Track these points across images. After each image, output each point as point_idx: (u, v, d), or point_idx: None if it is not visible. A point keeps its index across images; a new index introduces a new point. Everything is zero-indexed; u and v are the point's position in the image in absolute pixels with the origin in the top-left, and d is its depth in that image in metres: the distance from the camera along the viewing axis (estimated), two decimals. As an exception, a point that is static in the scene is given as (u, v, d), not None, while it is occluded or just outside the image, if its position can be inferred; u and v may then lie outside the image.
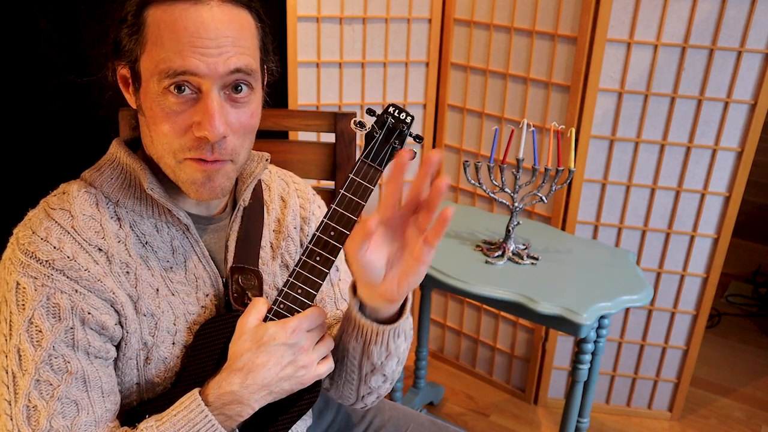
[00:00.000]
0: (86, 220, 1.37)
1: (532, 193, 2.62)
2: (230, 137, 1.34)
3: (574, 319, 2.30)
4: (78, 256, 1.32)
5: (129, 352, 1.40)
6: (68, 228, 1.34)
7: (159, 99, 1.30)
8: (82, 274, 1.32)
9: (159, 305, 1.42)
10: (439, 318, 3.77)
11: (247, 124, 1.37)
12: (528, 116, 3.10)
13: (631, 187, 3.05)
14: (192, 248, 1.48)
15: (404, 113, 1.41)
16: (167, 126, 1.31)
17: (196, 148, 1.32)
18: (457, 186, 3.49)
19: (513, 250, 2.65)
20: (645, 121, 2.93)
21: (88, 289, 1.33)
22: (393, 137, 1.39)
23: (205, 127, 1.29)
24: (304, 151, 2.35)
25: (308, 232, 1.69)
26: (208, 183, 1.36)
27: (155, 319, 1.41)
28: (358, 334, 1.44)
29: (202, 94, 1.30)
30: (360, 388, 1.57)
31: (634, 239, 3.15)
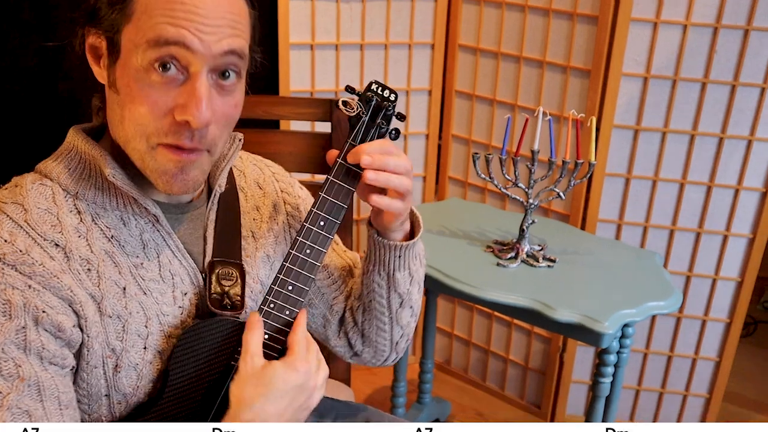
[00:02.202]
0: (41, 214, 1.35)
1: (548, 189, 2.62)
2: (212, 126, 1.34)
3: (594, 328, 2.30)
4: (32, 250, 1.30)
5: (93, 360, 1.37)
6: (21, 222, 1.32)
7: (140, 75, 1.29)
8: (36, 269, 1.29)
9: (126, 306, 1.40)
10: (446, 326, 3.78)
11: (230, 115, 1.38)
12: (544, 104, 3.12)
13: (658, 182, 3.06)
14: (164, 241, 1.47)
15: (388, 90, 1.47)
16: (145, 107, 1.30)
17: (174, 133, 1.31)
18: (466, 181, 3.50)
19: (527, 251, 2.66)
20: (673, 109, 2.94)
21: (42, 286, 1.30)
22: (379, 117, 1.47)
23: (190, 112, 1.28)
24: (296, 142, 2.35)
25: (300, 218, 1.72)
26: (181, 175, 1.36)
27: (122, 321, 1.39)
28: (381, 265, 1.63)
29: (190, 75, 1.29)
30: (393, 330, 1.73)
31: (661, 239, 3.15)
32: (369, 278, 1.66)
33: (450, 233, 2.86)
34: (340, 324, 1.78)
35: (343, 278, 1.78)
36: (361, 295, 1.72)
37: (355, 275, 1.80)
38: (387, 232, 1.60)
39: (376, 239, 1.61)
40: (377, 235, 1.61)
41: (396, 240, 1.61)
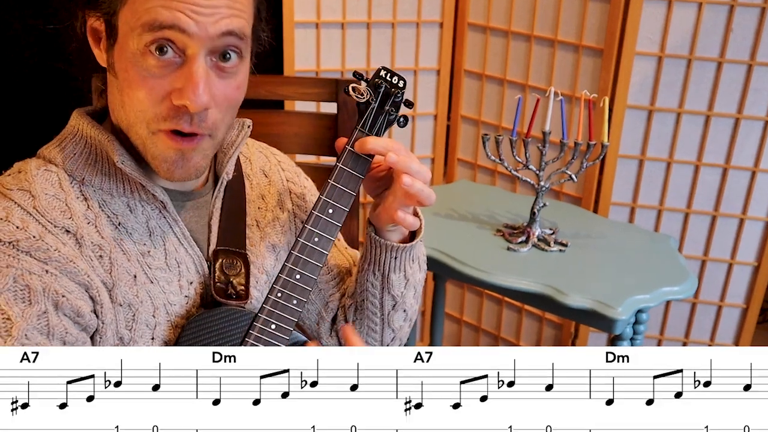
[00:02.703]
0: (49, 200, 1.34)
1: (560, 171, 2.63)
2: (212, 110, 1.33)
3: (607, 314, 2.31)
4: (45, 237, 1.29)
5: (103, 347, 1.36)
6: (29, 209, 1.31)
7: (137, 59, 1.28)
8: (51, 254, 1.28)
9: (137, 294, 1.39)
10: (455, 312, 3.79)
11: (232, 98, 1.37)
12: (555, 83, 3.12)
13: (672, 163, 3.07)
14: (170, 228, 1.47)
15: (396, 77, 1.48)
16: (143, 92, 1.29)
17: (173, 118, 1.31)
18: (476, 163, 3.50)
19: (538, 235, 2.67)
20: (688, 89, 2.94)
21: (59, 271, 1.29)
22: (388, 104, 1.48)
23: (186, 96, 1.27)
24: (302, 123, 2.34)
25: (307, 208, 1.71)
26: (182, 162, 1.35)
27: (133, 310, 1.39)
28: (377, 264, 1.61)
29: (187, 58, 1.28)
30: (384, 332, 1.71)
31: (676, 223, 3.16)
32: (363, 277, 1.65)
33: (459, 216, 2.87)
34: (332, 322, 1.78)
35: (341, 276, 1.78)
36: (354, 294, 1.71)
37: (353, 274, 1.78)
38: (384, 231, 1.60)
39: (373, 237, 1.60)
40: (374, 233, 1.61)
41: (393, 240, 1.60)
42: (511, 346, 3.63)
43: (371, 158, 1.48)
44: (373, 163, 1.51)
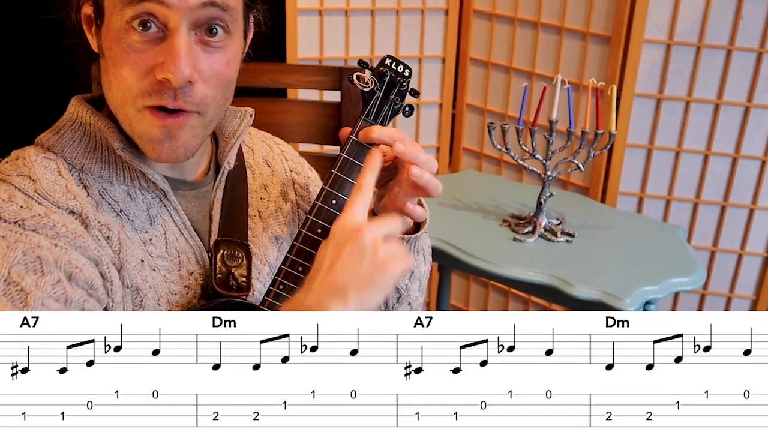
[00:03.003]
0: (50, 184, 1.34)
1: (567, 160, 2.65)
2: (199, 85, 1.32)
3: (615, 305, 2.32)
4: (51, 215, 1.29)
5: None
6: (31, 193, 1.31)
7: (120, 36, 1.28)
8: (59, 230, 1.28)
9: (145, 278, 1.39)
10: (461, 303, 3.80)
11: (222, 74, 1.35)
12: (562, 71, 3.13)
13: (681, 153, 3.08)
14: (171, 217, 1.47)
15: (402, 65, 1.48)
16: (126, 68, 1.29)
17: (156, 93, 1.30)
18: (481, 152, 3.52)
19: (545, 225, 2.69)
20: (697, 77, 2.95)
21: (69, 245, 1.28)
22: (393, 93, 1.48)
23: (168, 68, 1.26)
24: (304, 112, 2.35)
25: (310, 199, 1.71)
26: (168, 142, 1.34)
27: (141, 295, 1.38)
28: None
29: (169, 31, 1.27)
30: None
31: (685, 213, 3.17)
32: None
33: (464, 207, 2.88)
34: None
35: None
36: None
37: None
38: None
39: None
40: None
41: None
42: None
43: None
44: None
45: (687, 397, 1.07)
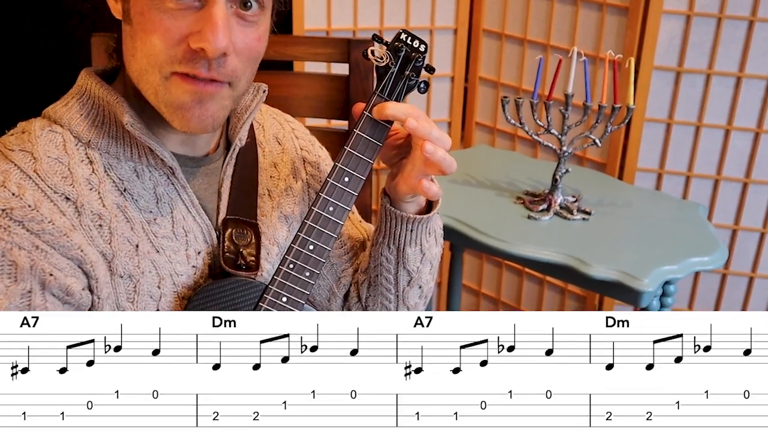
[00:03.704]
0: (51, 164, 1.35)
1: (583, 135, 2.65)
2: (232, 57, 1.33)
3: (633, 286, 2.32)
4: (41, 206, 1.30)
5: None
6: (29, 172, 1.33)
7: (154, 2, 1.29)
8: (45, 226, 1.30)
9: (138, 264, 1.41)
10: (473, 284, 3.82)
11: (254, 48, 1.37)
12: (579, 43, 3.13)
13: (702, 128, 3.08)
14: (178, 196, 1.48)
15: (417, 41, 1.49)
16: (157, 35, 1.30)
17: (189, 62, 1.31)
18: (494, 127, 3.53)
19: (560, 202, 2.70)
20: (718, 49, 2.95)
21: (51, 246, 1.30)
22: (408, 68, 1.49)
23: (206, 38, 1.27)
24: (312, 85, 2.35)
25: (321, 178, 1.73)
26: (198, 109, 1.35)
27: (134, 281, 1.40)
28: (392, 237, 1.62)
29: (207, 2, 1.29)
30: (399, 310, 1.72)
31: (705, 190, 3.17)
32: (377, 251, 1.66)
33: (477, 183, 2.89)
34: (344, 299, 1.80)
35: (354, 250, 1.79)
36: (367, 269, 1.72)
37: (367, 248, 1.78)
38: (401, 202, 1.60)
39: (388, 209, 1.60)
40: (390, 204, 1.61)
41: (409, 212, 1.61)
42: (532, 319, 3.65)
43: (390, 125, 1.49)
44: (392, 131, 1.52)
45: (687, 397, 1.10)
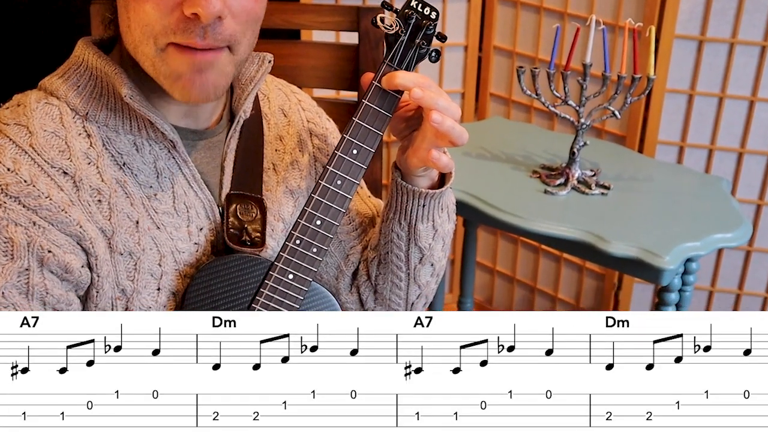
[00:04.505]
0: (48, 137, 1.36)
1: (602, 107, 2.67)
2: (228, 20, 1.34)
3: (653, 263, 2.34)
4: (38, 181, 1.32)
5: (102, 302, 1.40)
6: (25, 146, 1.33)
7: None
8: (42, 202, 1.31)
9: (139, 241, 1.42)
10: (488, 262, 3.85)
11: (251, 10, 1.38)
12: (597, 11, 3.15)
13: (725, 99, 3.09)
14: (179, 170, 1.49)
15: (428, 8, 1.49)
16: (150, 5, 1.30)
17: (184, 31, 1.31)
18: (509, 98, 3.55)
19: (578, 177, 2.72)
20: (742, 18, 2.96)
21: (49, 222, 1.31)
22: (419, 36, 1.49)
23: (198, 2, 1.27)
24: (320, 55, 2.35)
25: (328, 152, 1.74)
26: (198, 78, 1.35)
27: (134, 258, 1.41)
28: (403, 213, 1.62)
29: None
30: (410, 288, 1.73)
31: (729, 164, 3.19)
32: (388, 227, 1.66)
33: (491, 157, 2.91)
34: (353, 278, 1.80)
35: (363, 226, 1.79)
36: (377, 246, 1.72)
37: (376, 224, 1.77)
38: (412, 176, 1.60)
39: (399, 183, 1.59)
40: (401, 178, 1.60)
41: (421, 187, 1.60)
42: (549, 298, 3.70)
43: (400, 95, 1.49)
44: (402, 101, 1.52)
45: (687, 397, 1.13)
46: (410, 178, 1.60)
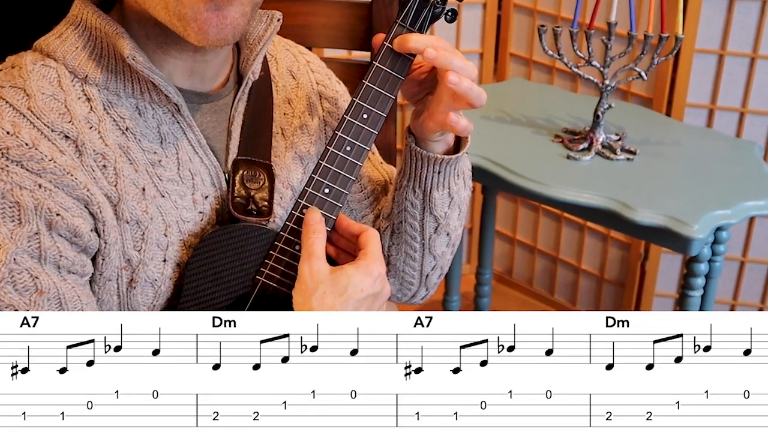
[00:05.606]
0: (46, 100, 1.36)
1: (627, 68, 2.71)
2: None
3: (682, 232, 2.39)
4: (39, 144, 1.32)
5: (107, 271, 1.41)
6: (23, 110, 1.33)
7: None
8: (45, 165, 1.31)
9: (147, 209, 1.43)
10: (507, 230, 3.90)
11: None
12: (623, -35, 3.19)
13: (757, 59, 3.11)
14: (184, 135, 1.49)
15: None
16: None
17: None
18: (530, 58, 3.58)
19: (603, 141, 2.76)
20: (776, -28, 2.96)
21: (54, 185, 1.32)
22: None
23: None
24: (331, 13, 2.35)
25: (338, 115, 1.76)
26: (216, 16, 1.34)
27: (142, 227, 1.42)
28: (417, 180, 1.64)
29: None
30: (425, 259, 1.75)
31: (761, 127, 3.21)
32: (402, 195, 1.67)
33: (511, 120, 2.96)
34: None
35: (375, 194, 1.80)
36: (390, 215, 1.73)
37: (389, 192, 1.77)
38: (427, 141, 1.60)
39: (414, 149, 1.60)
40: (415, 144, 1.61)
41: (436, 152, 1.60)
42: (571, 269, 3.74)
43: (413, 57, 1.50)
44: (415, 63, 1.52)
45: (687, 397, 1.19)
46: (425, 143, 1.61)
